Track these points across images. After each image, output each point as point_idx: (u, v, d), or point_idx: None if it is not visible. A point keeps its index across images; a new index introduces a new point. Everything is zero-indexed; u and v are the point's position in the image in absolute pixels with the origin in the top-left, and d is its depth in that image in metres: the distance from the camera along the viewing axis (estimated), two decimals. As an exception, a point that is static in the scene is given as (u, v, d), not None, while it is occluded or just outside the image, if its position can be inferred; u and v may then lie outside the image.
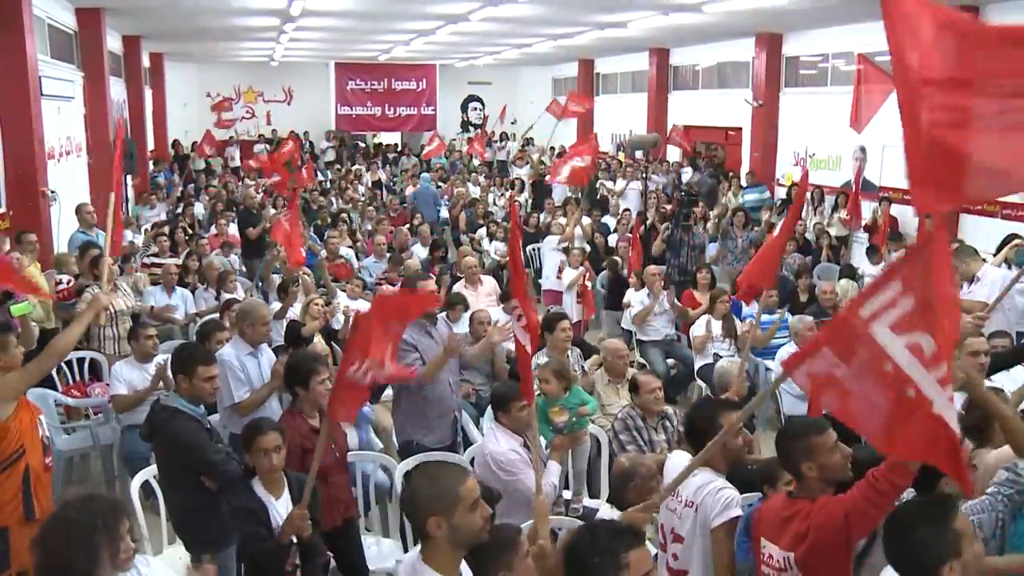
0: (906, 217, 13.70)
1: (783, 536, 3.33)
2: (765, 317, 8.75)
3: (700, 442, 3.90)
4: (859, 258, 13.19)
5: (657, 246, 11.95)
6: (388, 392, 6.79)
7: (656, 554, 4.08)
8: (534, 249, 13.00)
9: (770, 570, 3.38)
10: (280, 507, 4.10)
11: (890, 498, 3.00)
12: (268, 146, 26.95)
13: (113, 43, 17.32)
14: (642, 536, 2.86)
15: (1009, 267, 8.62)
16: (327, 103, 28.29)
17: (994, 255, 9.39)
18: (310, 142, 28.14)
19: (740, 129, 19.20)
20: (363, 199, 17.80)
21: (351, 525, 5.04)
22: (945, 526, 2.69)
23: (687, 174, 19.19)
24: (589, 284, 9.94)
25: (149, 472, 5.12)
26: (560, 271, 11.09)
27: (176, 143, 24.88)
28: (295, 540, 3.95)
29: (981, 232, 11.70)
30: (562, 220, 12.55)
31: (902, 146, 2.66)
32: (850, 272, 11.77)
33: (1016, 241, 9.21)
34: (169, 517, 5.00)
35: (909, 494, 3.32)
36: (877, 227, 12.68)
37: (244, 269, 11.94)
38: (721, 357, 7.94)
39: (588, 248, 12.21)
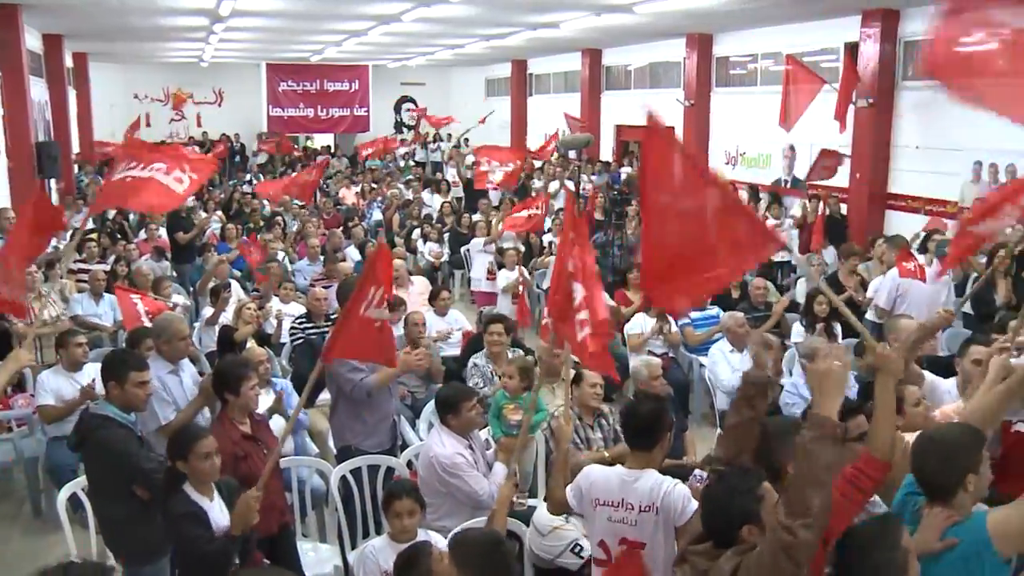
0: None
1: None
2: (696, 314, 8.89)
3: (651, 440, 3.94)
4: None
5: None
6: (324, 396, 6.73)
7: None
8: (467, 250, 13.00)
9: None
10: (214, 510, 4.05)
11: (867, 494, 3.03)
12: (198, 148, 26.55)
13: (32, 42, 16.84)
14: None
15: (930, 262, 8.85)
16: (259, 105, 27.96)
17: (918, 250, 9.65)
18: (241, 144, 27.77)
19: (672, 128, 19.31)
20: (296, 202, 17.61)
21: (286, 532, 4.99)
22: (896, 546, 2.74)
23: (626, 173, 19.34)
24: (523, 290, 9.90)
25: (77, 484, 5.00)
26: (489, 272, 11.11)
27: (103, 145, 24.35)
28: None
29: (905, 228, 11.98)
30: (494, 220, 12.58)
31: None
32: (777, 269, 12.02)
33: (936, 236, 9.50)
34: (99, 530, 4.88)
35: None
36: (807, 224, 12.90)
37: (175, 274, 11.74)
38: (656, 355, 8.02)
39: (523, 248, 12.24)
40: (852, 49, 13.77)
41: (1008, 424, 5.01)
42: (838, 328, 8.13)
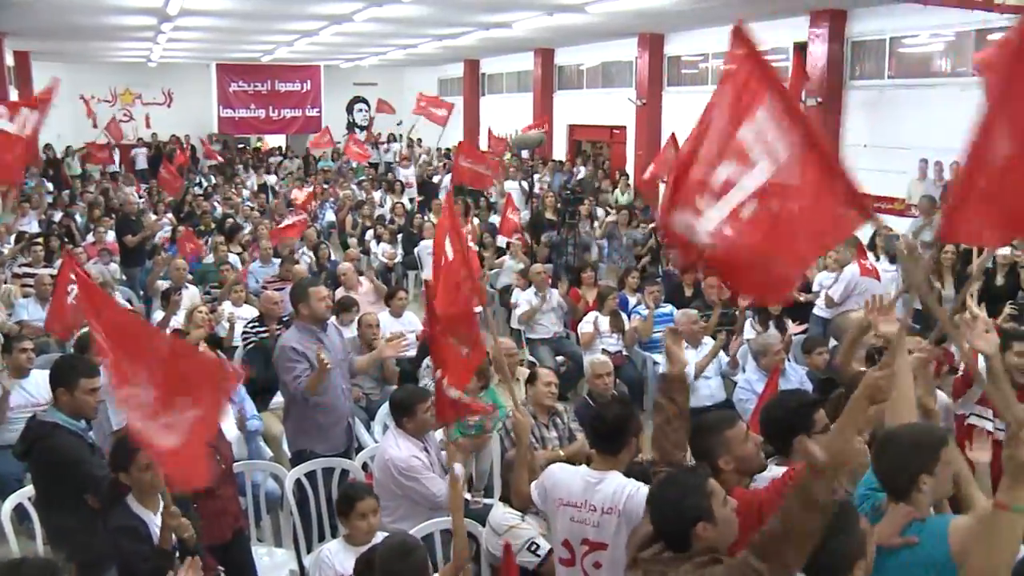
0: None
1: None
2: (647, 312, 8.95)
3: (619, 444, 3.94)
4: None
5: (540, 250, 12.05)
6: (278, 400, 6.68)
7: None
8: (419, 252, 12.95)
9: None
10: (156, 523, 3.94)
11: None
12: (148, 150, 26.19)
13: (-31, 39, 16.52)
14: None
15: (877, 258, 9.00)
16: (209, 105, 27.62)
17: (868, 248, 9.79)
18: (191, 146, 27.44)
19: (624, 128, 19.52)
20: (248, 203, 17.45)
21: (240, 537, 4.93)
22: (855, 531, 2.77)
23: (580, 173, 19.42)
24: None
25: (23, 495, 4.90)
26: None
27: (48, 147, 23.90)
28: (177, 547, 3.84)
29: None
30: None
31: None
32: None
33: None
34: (47, 541, 4.78)
35: None
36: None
37: (124, 278, 11.57)
38: (610, 353, 8.06)
39: (478, 249, 12.22)
40: (801, 49, 13.95)
41: (962, 417, 5.11)
42: (790, 324, 8.23)
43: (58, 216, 15.33)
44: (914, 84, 12.87)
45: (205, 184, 21.06)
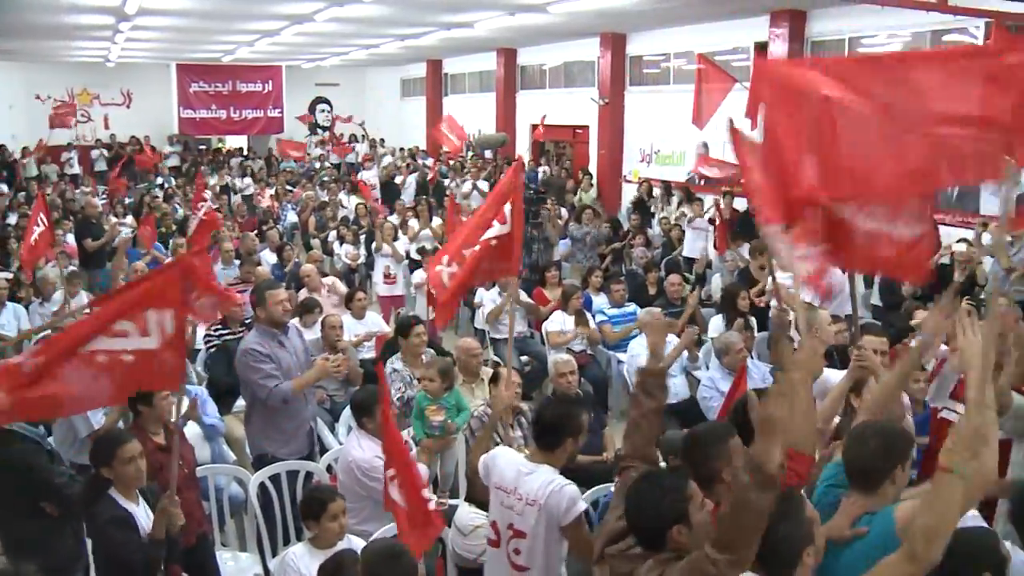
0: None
1: None
2: (613, 312, 8.99)
3: (553, 442, 3.95)
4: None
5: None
6: (241, 403, 6.63)
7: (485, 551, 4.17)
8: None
9: None
10: (140, 515, 4.03)
11: (796, 488, 3.06)
12: (107, 152, 25.88)
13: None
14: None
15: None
16: (169, 106, 27.33)
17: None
18: (152, 147, 27.13)
19: (587, 127, 19.58)
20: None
21: (204, 542, 4.89)
22: (801, 517, 2.81)
23: (543, 172, 19.45)
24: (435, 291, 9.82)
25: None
26: (387, 276, 11.12)
27: (2, 148, 23.55)
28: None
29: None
30: (414, 223, 12.51)
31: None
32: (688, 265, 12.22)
33: None
34: (4, 551, 4.71)
35: None
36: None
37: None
38: (574, 352, 8.08)
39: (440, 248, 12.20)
40: (761, 49, 14.06)
41: (935, 411, 5.19)
42: (754, 322, 8.29)
43: (13, 219, 15.08)
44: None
45: (166, 185, 20.83)
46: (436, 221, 13.40)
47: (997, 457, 2.72)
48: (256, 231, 13.24)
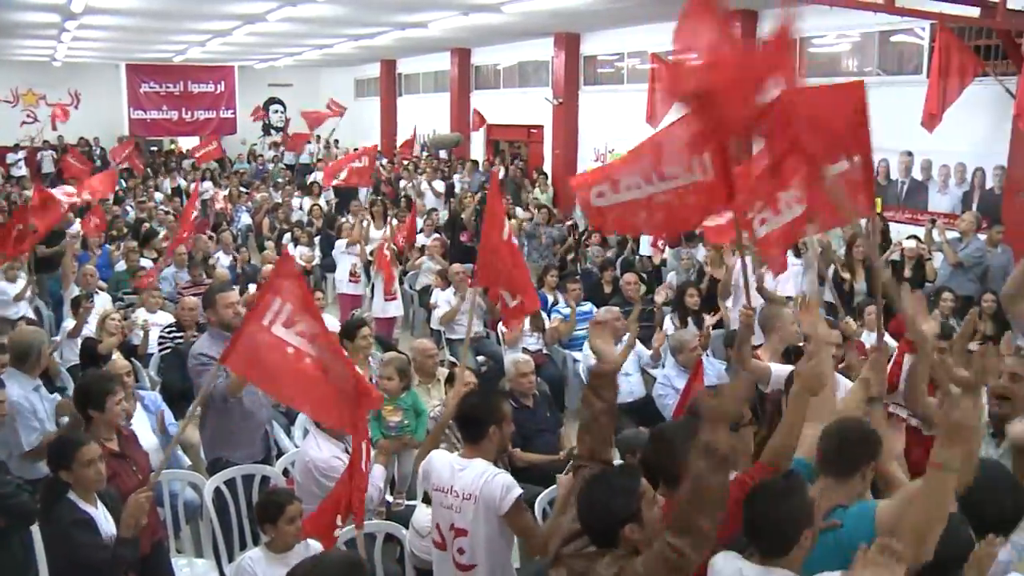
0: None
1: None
2: (568, 311, 9.02)
3: (477, 433, 3.97)
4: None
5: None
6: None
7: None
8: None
9: None
10: (100, 518, 3.98)
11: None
12: (55, 153, 25.43)
13: None
14: None
15: (798, 255, 9.19)
16: (119, 106, 26.94)
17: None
18: (101, 148, 26.73)
19: (542, 127, 19.62)
20: (161, 207, 17.05)
21: (159, 548, 4.82)
22: (804, 498, 2.88)
23: (500, 172, 19.47)
24: (387, 252, 9.78)
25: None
26: (352, 274, 11.05)
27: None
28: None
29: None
30: (369, 224, 12.45)
31: None
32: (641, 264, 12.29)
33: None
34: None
35: None
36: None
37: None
38: (530, 351, 8.10)
39: (395, 249, 12.16)
40: (714, 48, 14.17)
41: (885, 406, 5.27)
42: (707, 319, 8.38)
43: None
44: (823, 82, 13.17)
45: (116, 188, 20.50)
46: (394, 221, 13.32)
47: (981, 443, 2.79)
48: (210, 233, 13.10)
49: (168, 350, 7.60)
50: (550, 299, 9.54)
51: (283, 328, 3.93)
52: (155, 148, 28.62)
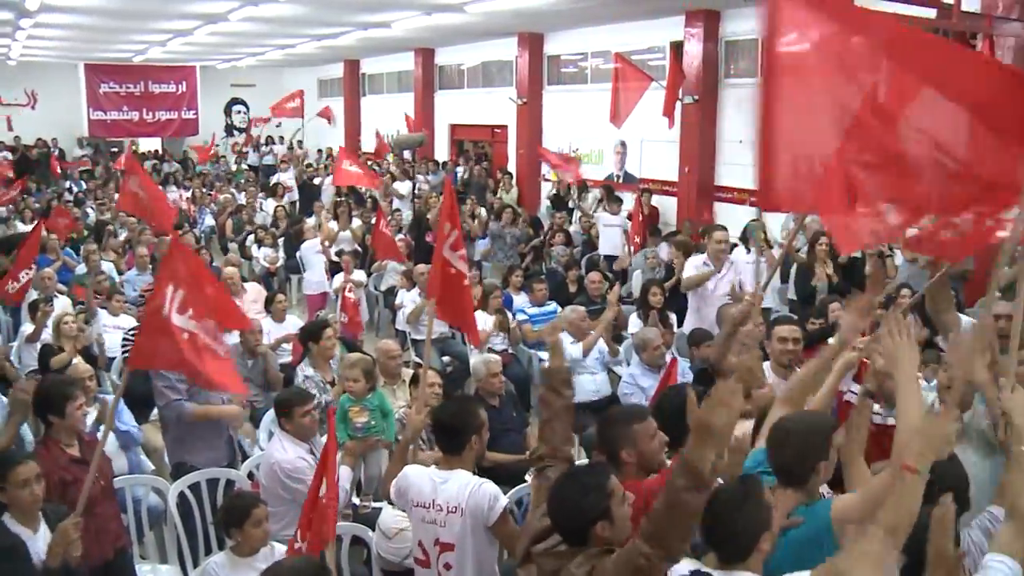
0: (664, 207, 14.48)
1: None
2: (533, 311, 9.04)
3: (458, 444, 3.93)
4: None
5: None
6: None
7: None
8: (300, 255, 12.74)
9: None
10: (39, 541, 3.84)
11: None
12: (11, 155, 25.04)
13: None
14: None
15: (748, 250, 9.29)
16: (78, 107, 26.57)
17: (740, 239, 10.11)
18: (60, 149, 26.38)
19: (506, 127, 19.63)
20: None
21: (123, 555, 4.78)
22: (761, 503, 2.88)
23: (462, 172, 19.45)
24: (351, 294, 9.73)
25: None
26: (327, 274, 11.03)
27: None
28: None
29: (732, 218, 12.49)
30: (333, 224, 12.41)
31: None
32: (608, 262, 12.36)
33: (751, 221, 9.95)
34: None
35: None
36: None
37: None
38: (495, 351, 8.10)
39: (360, 250, 12.13)
40: (677, 48, 14.27)
41: (840, 393, 5.32)
42: (673, 318, 8.43)
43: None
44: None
45: (75, 189, 20.28)
46: (356, 223, 13.28)
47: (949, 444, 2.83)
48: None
49: (128, 354, 7.52)
50: (515, 299, 9.56)
51: (178, 315, 3.86)
52: (115, 149, 28.25)
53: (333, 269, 11.56)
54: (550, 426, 3.60)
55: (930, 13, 9.19)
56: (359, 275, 10.51)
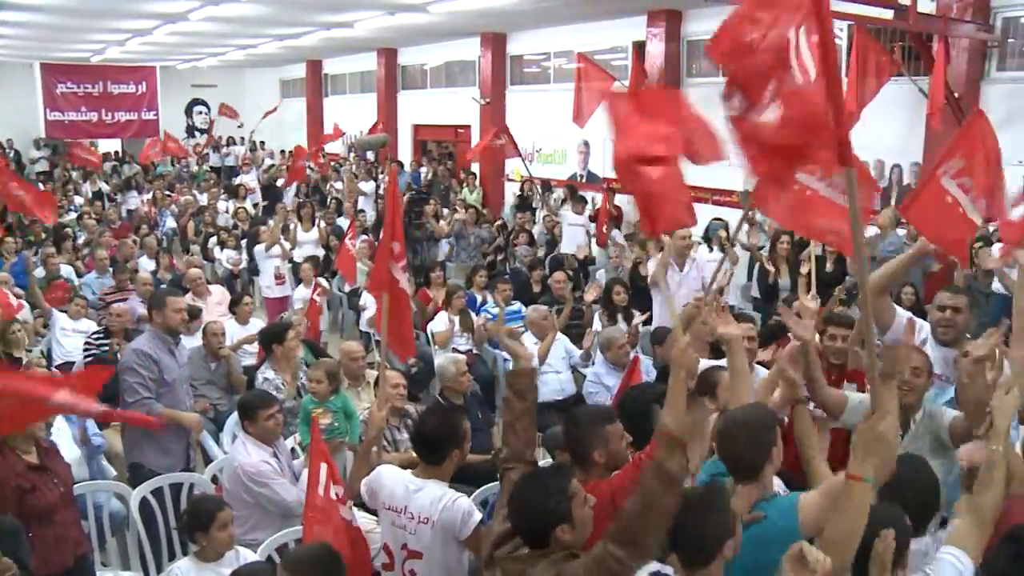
0: (627, 207, 14.53)
1: None
2: (497, 311, 9.02)
3: (439, 456, 3.88)
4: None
5: None
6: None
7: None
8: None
9: None
10: None
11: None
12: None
13: None
14: None
15: (711, 249, 9.36)
16: (34, 107, 26.16)
17: (703, 238, 10.18)
18: (15, 151, 25.97)
19: (469, 127, 19.63)
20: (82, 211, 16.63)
21: (84, 563, 4.72)
22: (726, 510, 2.90)
23: (426, 173, 19.42)
24: (318, 299, 9.67)
25: None
26: (278, 277, 10.93)
27: None
28: None
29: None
30: (296, 226, 12.34)
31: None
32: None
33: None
34: None
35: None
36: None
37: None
38: (460, 351, 8.10)
39: (324, 252, 12.07)
40: (639, 48, 14.35)
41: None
42: (637, 317, 8.46)
43: None
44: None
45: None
46: (320, 224, 13.22)
47: (895, 449, 2.86)
48: (132, 237, 12.84)
49: (93, 357, 7.44)
50: (479, 299, 9.56)
51: None
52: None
53: (296, 273, 11.50)
54: (512, 430, 3.58)
55: (887, 14, 9.33)
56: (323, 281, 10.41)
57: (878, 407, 2.77)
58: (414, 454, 5.38)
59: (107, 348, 7.46)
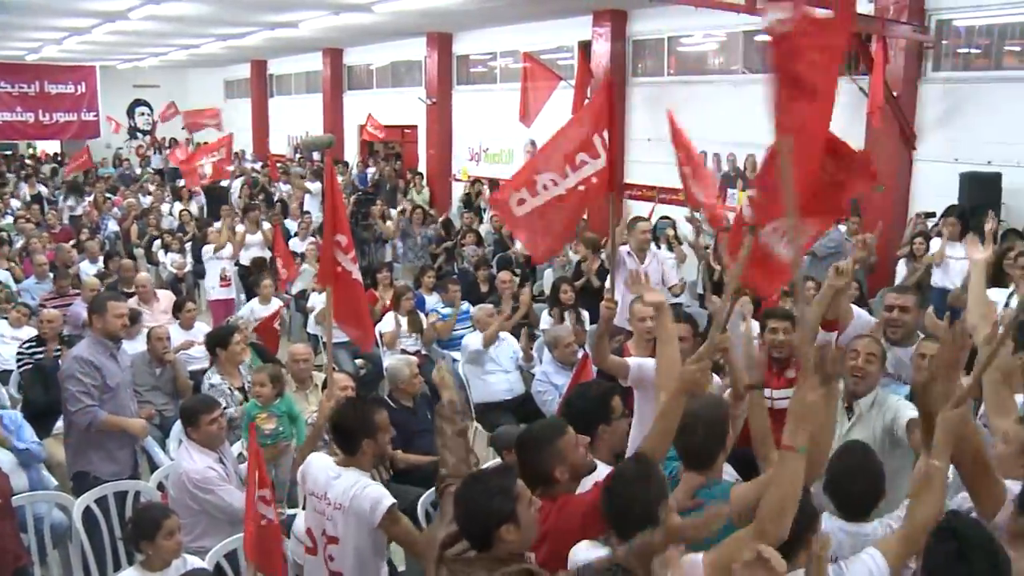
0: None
1: None
2: (448, 311, 9.01)
3: (351, 446, 3.95)
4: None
5: None
6: (60, 424, 6.29)
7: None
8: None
9: None
10: None
11: None
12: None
13: None
14: None
15: (658, 247, 9.45)
16: (-32, 108, 25.59)
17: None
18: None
19: (416, 127, 19.58)
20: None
21: (23, 576, 4.63)
22: (658, 477, 3.06)
23: (373, 173, 19.33)
24: (279, 327, 9.54)
25: None
26: (223, 279, 10.81)
27: None
28: None
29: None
30: (240, 227, 12.20)
31: None
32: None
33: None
34: None
35: None
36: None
37: None
38: (409, 352, 8.07)
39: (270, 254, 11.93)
40: (585, 47, 14.42)
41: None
42: (585, 315, 8.50)
43: None
44: (691, 81, 13.53)
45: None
46: (265, 226, 13.06)
47: (833, 432, 2.92)
48: (73, 241, 12.60)
49: (28, 365, 7.29)
50: (427, 299, 9.53)
51: None
52: (9, 152, 27.28)
53: (243, 274, 11.36)
54: (447, 451, 3.68)
55: (827, 15, 9.46)
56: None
57: (808, 378, 2.83)
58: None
59: (41, 356, 7.31)
